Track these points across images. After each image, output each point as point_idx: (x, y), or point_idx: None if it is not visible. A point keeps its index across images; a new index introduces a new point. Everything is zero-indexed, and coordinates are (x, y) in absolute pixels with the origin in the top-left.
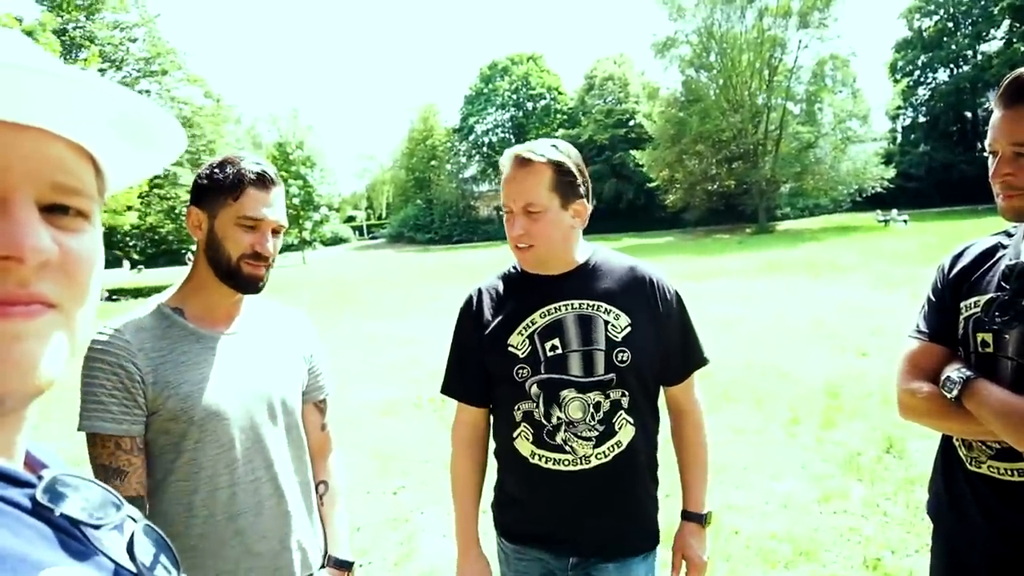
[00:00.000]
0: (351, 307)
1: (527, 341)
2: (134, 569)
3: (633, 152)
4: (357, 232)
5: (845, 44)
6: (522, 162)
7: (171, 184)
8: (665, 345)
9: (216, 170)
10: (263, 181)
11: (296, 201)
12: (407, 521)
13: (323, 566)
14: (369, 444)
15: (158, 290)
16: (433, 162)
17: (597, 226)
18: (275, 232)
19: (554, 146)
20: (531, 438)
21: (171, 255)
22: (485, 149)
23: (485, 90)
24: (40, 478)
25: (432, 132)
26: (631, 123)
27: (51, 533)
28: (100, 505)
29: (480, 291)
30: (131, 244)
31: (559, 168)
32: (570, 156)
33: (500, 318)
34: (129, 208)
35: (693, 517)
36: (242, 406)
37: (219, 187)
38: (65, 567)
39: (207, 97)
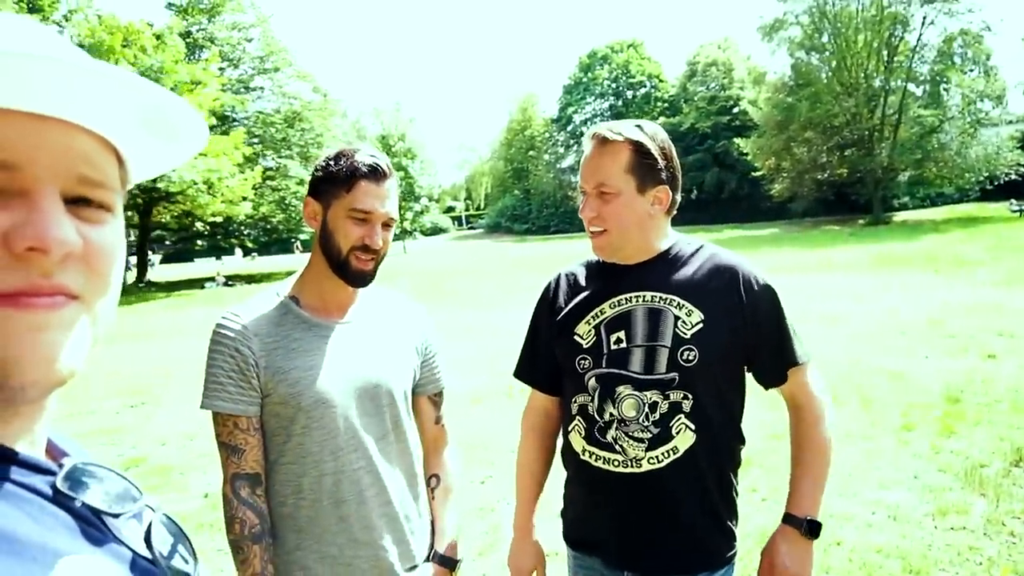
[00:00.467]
0: (447, 297)
1: (593, 331)
2: (151, 557)
3: (737, 140)
4: (456, 222)
5: (977, 18)
6: (600, 141)
7: (282, 176)
8: (751, 345)
9: (331, 162)
10: (376, 174)
11: (398, 191)
12: (493, 511)
13: (427, 560)
14: (458, 433)
15: (269, 277)
16: (531, 152)
17: (698, 217)
18: (386, 225)
19: (638, 126)
20: (583, 433)
21: (281, 243)
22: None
23: (584, 79)
24: (61, 466)
25: (531, 122)
26: (735, 110)
27: (71, 521)
28: (120, 494)
29: (559, 277)
30: (245, 232)
31: (638, 149)
32: (655, 138)
33: (572, 305)
34: (244, 199)
35: (791, 520)
36: (348, 395)
37: (333, 179)
38: (84, 555)
39: (315, 92)
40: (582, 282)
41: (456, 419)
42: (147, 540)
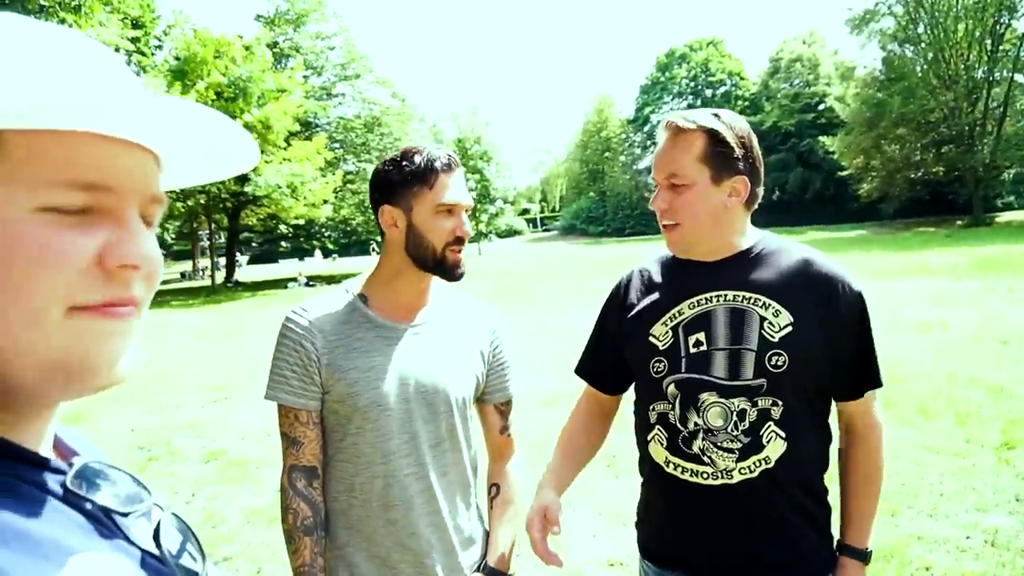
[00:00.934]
0: (521, 298)
1: (670, 333)
2: (160, 555)
3: (822, 138)
4: (531, 224)
5: None
6: (673, 129)
7: (362, 180)
8: (836, 354)
9: (404, 163)
10: (451, 165)
11: (473, 194)
12: None
13: (477, 571)
14: (525, 434)
15: (348, 277)
16: (607, 154)
17: (781, 219)
18: (468, 212)
19: (715, 114)
20: (665, 443)
21: (360, 245)
22: None
23: (662, 79)
24: (71, 465)
25: (607, 124)
26: (820, 107)
27: (81, 519)
28: (129, 493)
29: (632, 274)
30: (326, 235)
31: (713, 137)
32: (732, 126)
33: (646, 304)
34: (325, 202)
35: (855, 553)
36: (404, 400)
37: (411, 179)
38: (95, 553)
39: (394, 97)
40: (657, 280)
41: (525, 420)
42: (156, 538)
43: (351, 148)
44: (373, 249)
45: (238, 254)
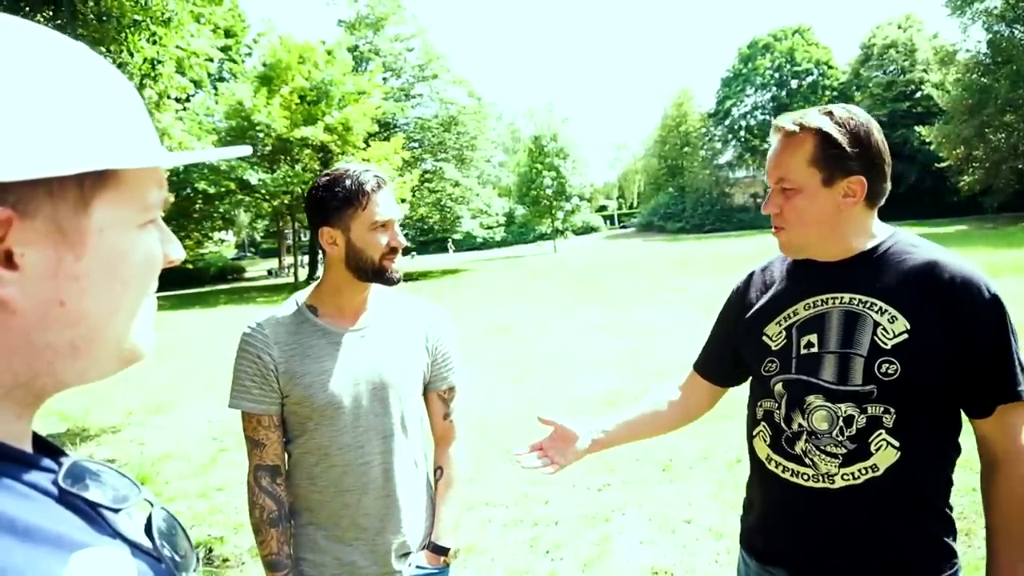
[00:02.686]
0: (593, 295)
1: (784, 333)
2: (152, 549)
3: (918, 128)
4: (608, 221)
5: None
6: (781, 132)
7: (439, 178)
8: (962, 366)
9: (337, 188)
10: (379, 185)
11: (549, 191)
12: (607, 521)
13: (422, 548)
14: None
15: (426, 275)
16: (686, 149)
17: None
18: (399, 223)
19: (828, 113)
20: (768, 440)
21: (438, 243)
22: (742, 133)
23: (744, 70)
24: (60, 464)
25: (686, 118)
26: (916, 95)
27: (75, 516)
28: (118, 489)
29: (754, 273)
30: (404, 233)
31: (824, 138)
32: (846, 124)
33: (764, 303)
34: (403, 200)
35: None
36: (356, 396)
37: (345, 202)
38: (94, 547)
39: (470, 97)
40: (776, 279)
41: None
42: (148, 532)
43: (428, 148)
44: (450, 247)
45: (320, 252)
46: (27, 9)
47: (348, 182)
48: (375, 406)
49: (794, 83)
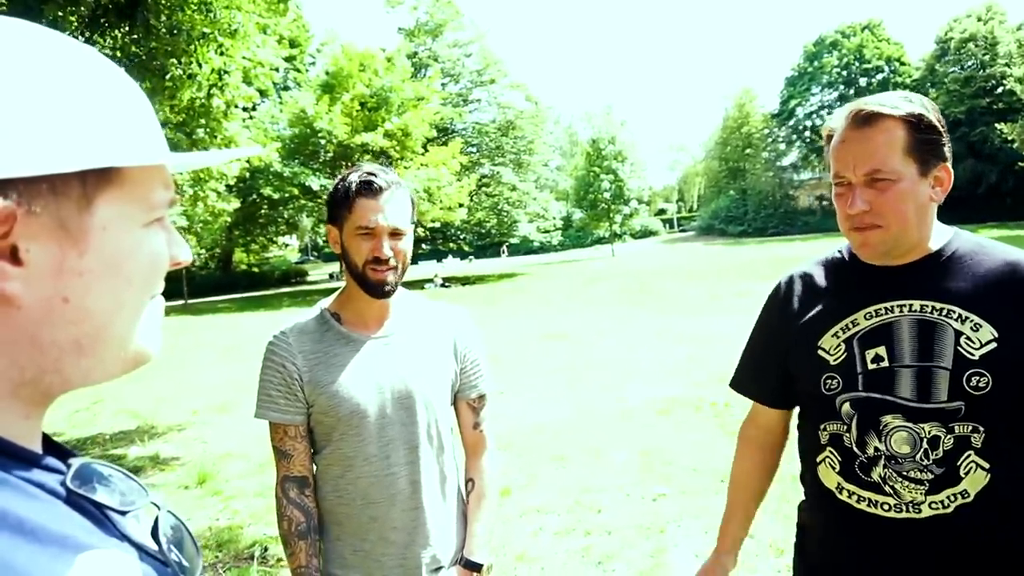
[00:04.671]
0: (650, 300)
1: (843, 346)
2: (158, 551)
3: (999, 126)
4: (667, 225)
5: None
6: (865, 119)
7: (496, 183)
8: None
9: (336, 187)
10: (371, 189)
11: (607, 195)
12: (662, 532)
13: (454, 563)
14: (637, 444)
15: (483, 279)
16: (748, 150)
17: (949, 217)
18: (394, 235)
19: (907, 98)
20: (837, 467)
21: (495, 247)
22: (807, 134)
23: (809, 69)
24: (68, 465)
25: (748, 119)
26: (997, 91)
27: (82, 518)
28: (126, 492)
29: (792, 278)
30: (461, 237)
31: (918, 123)
32: (928, 108)
33: (813, 313)
34: (460, 205)
35: None
36: (381, 405)
37: (337, 203)
38: (100, 549)
39: (528, 101)
40: (823, 285)
41: (638, 429)
42: (154, 535)
43: (486, 152)
44: (503, 252)
45: None
46: (105, 24)
47: (341, 184)
48: (401, 415)
49: (863, 81)
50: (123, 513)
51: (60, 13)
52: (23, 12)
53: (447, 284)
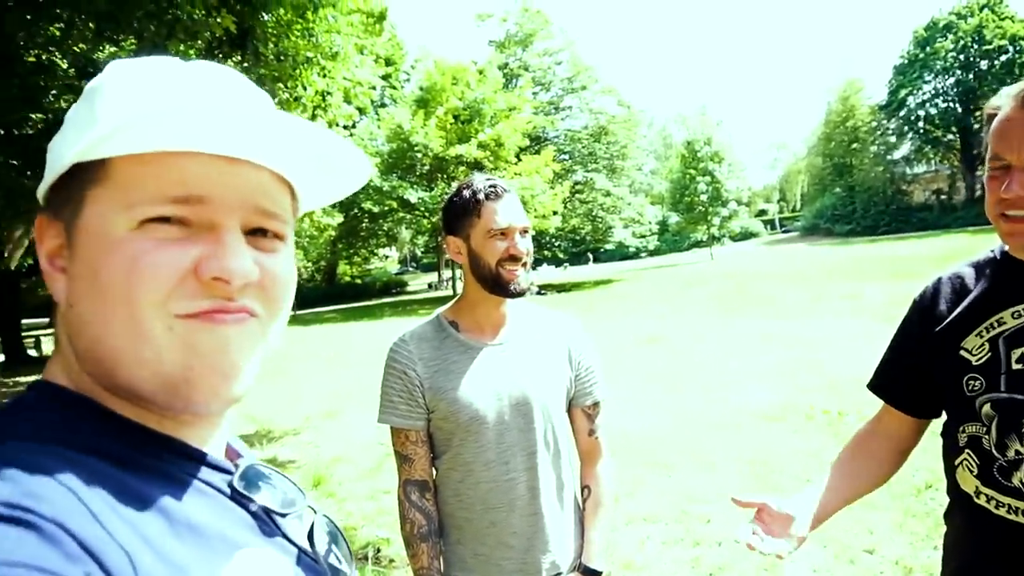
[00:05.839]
0: (751, 304)
1: (987, 346)
2: (313, 554)
3: None
4: (768, 226)
5: None
6: None
7: (589, 189)
8: None
9: (455, 198)
10: (496, 193)
11: (704, 197)
12: None
13: (572, 570)
14: (744, 452)
15: (579, 286)
16: (855, 145)
17: None
18: (523, 233)
19: None
20: (975, 470)
21: (595, 253)
22: (921, 124)
23: (920, 55)
24: (236, 467)
25: (853, 112)
26: None
27: (246, 516)
28: (287, 495)
29: (940, 280)
30: (556, 244)
31: None
32: None
33: (957, 313)
34: (555, 213)
35: None
36: (500, 412)
37: (463, 212)
38: (258, 548)
39: (620, 105)
40: (970, 286)
41: (744, 437)
42: (310, 538)
43: (579, 159)
44: (589, 259)
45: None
46: (219, 55)
47: (466, 192)
48: (518, 421)
49: (984, 64)
50: (283, 515)
51: (182, 47)
52: (151, 49)
53: (543, 292)
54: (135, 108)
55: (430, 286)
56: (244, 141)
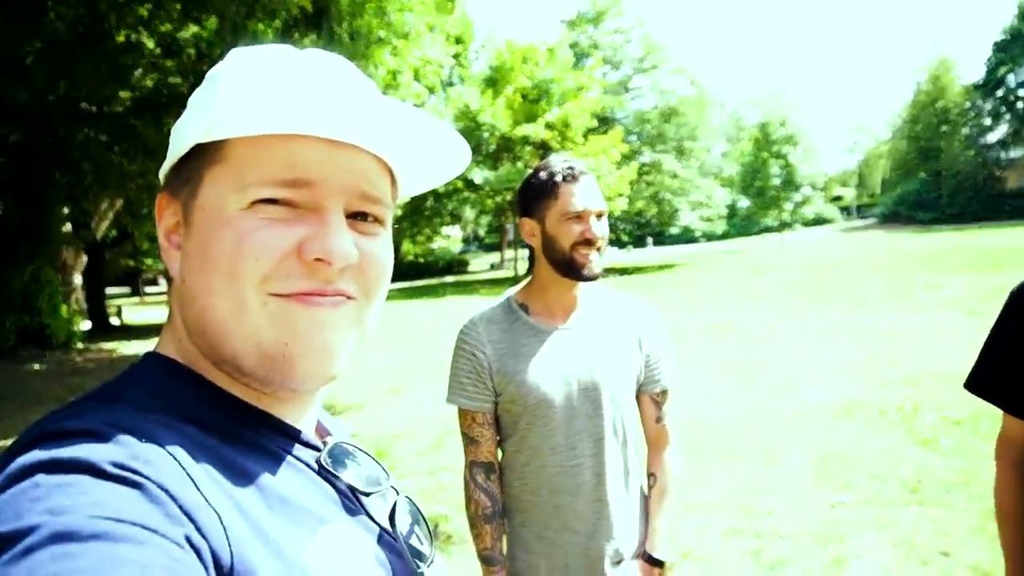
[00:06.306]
0: (826, 294)
1: None
2: (394, 534)
3: None
4: (845, 212)
5: None
6: None
7: (656, 171)
8: None
9: (532, 180)
10: (572, 176)
11: (776, 181)
12: (841, 541)
13: (636, 558)
14: (813, 447)
15: (642, 270)
16: (944, 127)
17: None
18: (599, 217)
19: None
20: None
21: (656, 236)
22: (1020, 106)
23: None
24: (325, 444)
25: (944, 91)
26: None
27: (332, 492)
28: (371, 474)
29: None
30: (621, 227)
31: None
32: None
33: None
34: (620, 195)
35: None
36: (568, 397)
37: (539, 193)
38: (342, 524)
39: (692, 86)
40: None
41: (814, 432)
42: (391, 518)
43: (647, 140)
44: (648, 242)
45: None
46: (296, 34)
47: (543, 174)
48: (587, 407)
49: None
50: (367, 494)
51: (260, 26)
52: (232, 28)
53: (605, 274)
54: (251, 93)
55: (492, 266)
56: (350, 126)
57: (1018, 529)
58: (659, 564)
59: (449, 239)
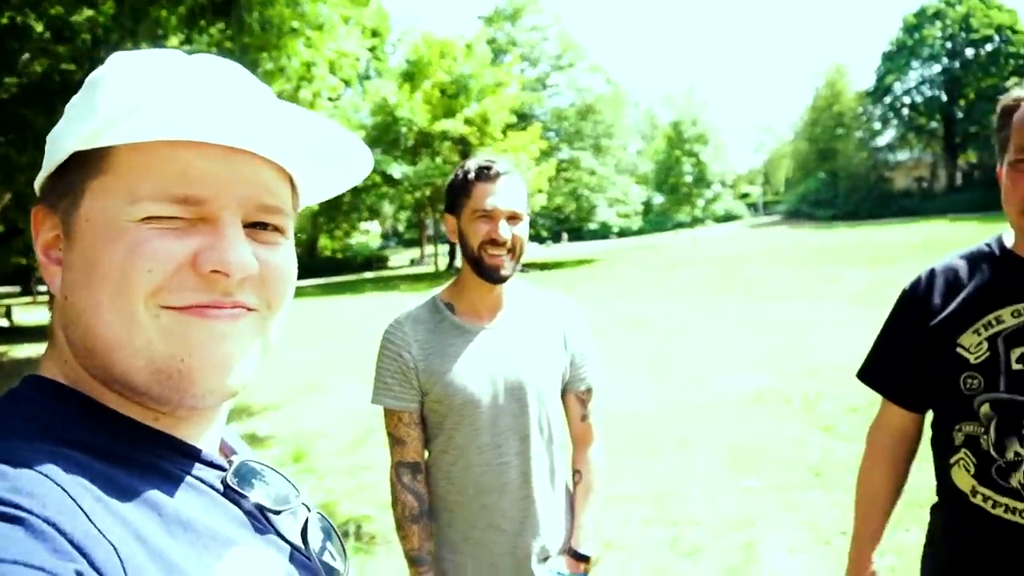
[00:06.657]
0: (734, 287)
1: (985, 344)
2: (307, 551)
3: None
4: (751, 209)
5: None
6: None
7: (575, 167)
8: None
9: (454, 177)
10: (488, 175)
11: (688, 179)
12: (752, 525)
13: (562, 554)
14: (724, 436)
15: (560, 265)
16: (839, 130)
17: None
18: (512, 219)
19: None
20: (972, 470)
21: (573, 232)
22: (905, 111)
23: (909, 42)
24: (230, 463)
25: (839, 97)
26: None
27: (238, 513)
28: (280, 492)
29: (933, 271)
30: (539, 223)
31: None
32: None
33: (953, 308)
34: (539, 191)
35: None
36: (494, 395)
37: (455, 190)
38: (250, 545)
39: (607, 84)
40: (965, 280)
41: (724, 421)
42: (303, 535)
43: (565, 137)
44: (564, 237)
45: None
46: (202, 23)
47: (461, 171)
48: (512, 406)
49: (969, 52)
50: (276, 512)
51: (163, 12)
52: (131, 13)
53: (524, 269)
54: (136, 97)
55: (412, 262)
56: (245, 131)
57: (871, 507)
58: (585, 559)
59: (368, 234)
